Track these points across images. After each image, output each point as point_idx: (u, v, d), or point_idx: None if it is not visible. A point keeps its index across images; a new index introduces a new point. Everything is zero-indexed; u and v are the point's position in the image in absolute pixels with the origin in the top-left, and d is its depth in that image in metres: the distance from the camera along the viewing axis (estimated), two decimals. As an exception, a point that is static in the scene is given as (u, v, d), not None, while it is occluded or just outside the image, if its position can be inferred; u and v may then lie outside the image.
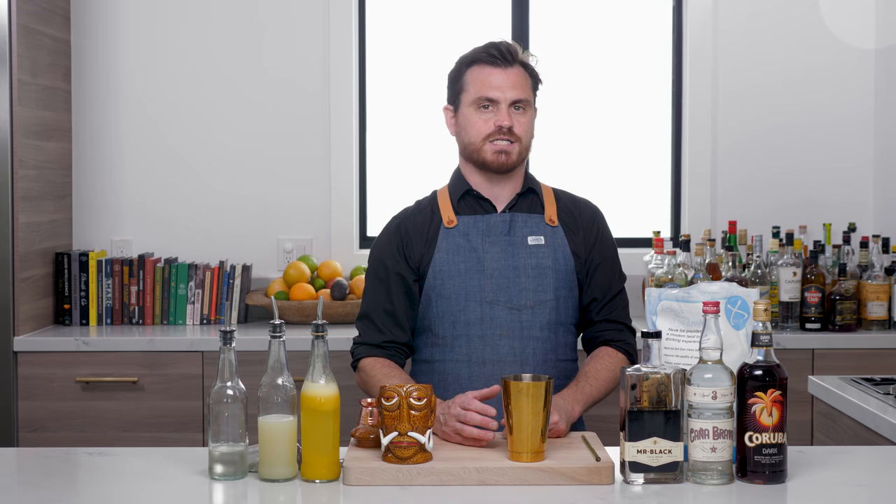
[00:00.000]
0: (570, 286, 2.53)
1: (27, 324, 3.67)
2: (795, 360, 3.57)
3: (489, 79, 2.48)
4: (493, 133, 2.48)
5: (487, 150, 2.49)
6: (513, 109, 2.48)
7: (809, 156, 4.22)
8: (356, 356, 2.56)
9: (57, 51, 3.96)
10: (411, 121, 4.29)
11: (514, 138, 2.48)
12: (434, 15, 4.30)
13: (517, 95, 2.48)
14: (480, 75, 2.49)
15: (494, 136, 2.48)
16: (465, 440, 2.14)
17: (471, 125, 2.50)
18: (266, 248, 4.18)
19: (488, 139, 2.48)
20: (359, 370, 2.54)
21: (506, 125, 2.46)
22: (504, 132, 2.47)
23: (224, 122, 4.17)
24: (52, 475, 2.02)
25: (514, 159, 2.50)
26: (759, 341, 1.94)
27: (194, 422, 3.60)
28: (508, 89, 2.47)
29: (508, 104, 2.47)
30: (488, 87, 2.48)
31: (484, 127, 2.48)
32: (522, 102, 2.49)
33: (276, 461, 1.96)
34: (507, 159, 2.49)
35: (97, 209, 4.16)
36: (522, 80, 2.50)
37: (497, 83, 2.48)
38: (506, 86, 2.47)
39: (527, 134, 2.51)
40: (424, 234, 2.54)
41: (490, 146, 2.48)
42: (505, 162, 2.49)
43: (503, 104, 2.47)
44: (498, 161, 2.49)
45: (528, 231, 2.52)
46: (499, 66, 2.48)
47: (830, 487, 1.94)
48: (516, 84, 2.48)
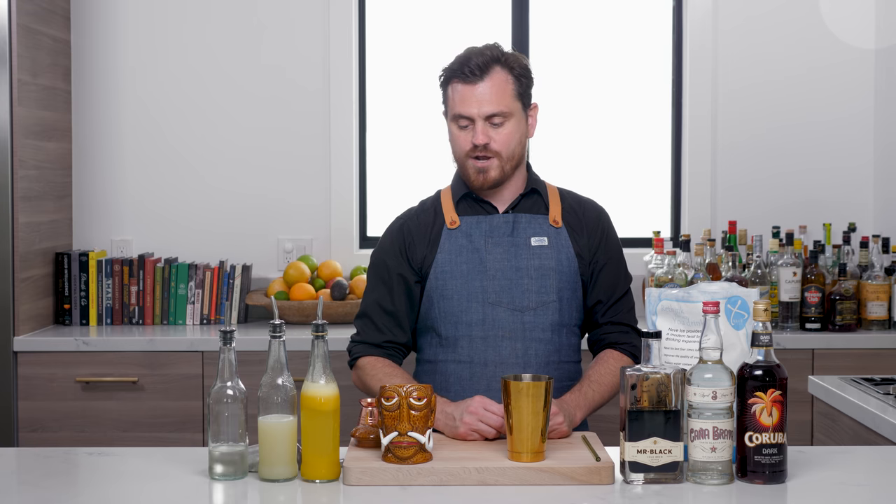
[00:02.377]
0: (574, 287, 2.52)
1: (27, 324, 3.67)
2: (795, 360, 3.57)
3: (463, 96, 2.46)
4: (472, 150, 2.47)
5: (469, 166, 2.49)
6: (489, 125, 2.46)
7: (809, 156, 4.22)
8: (354, 354, 2.56)
9: (57, 51, 3.96)
10: (411, 120, 4.29)
11: (492, 153, 2.46)
12: (434, 15, 4.30)
13: (491, 110, 2.44)
14: (455, 93, 2.48)
15: (472, 154, 2.47)
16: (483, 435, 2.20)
17: (454, 140, 2.51)
18: (266, 248, 4.18)
19: (468, 156, 2.48)
20: (357, 368, 2.54)
21: (480, 143, 2.45)
22: (480, 149, 2.46)
23: (224, 121, 4.17)
24: (52, 475, 2.02)
25: (494, 175, 2.48)
26: (759, 341, 1.94)
27: (194, 422, 3.60)
28: (483, 104, 2.44)
29: (483, 119, 2.45)
30: (462, 104, 2.46)
31: (464, 144, 2.48)
32: (499, 115, 2.45)
33: (276, 461, 1.96)
34: (486, 177, 2.48)
35: (97, 209, 4.16)
36: (498, 90, 2.45)
37: (470, 100, 2.45)
38: (480, 100, 2.44)
39: (507, 146, 2.47)
40: (427, 234, 2.54)
41: (471, 163, 2.48)
42: (484, 181, 2.49)
43: (478, 121, 2.45)
44: (478, 181, 2.49)
45: (532, 232, 2.52)
46: (469, 81, 2.45)
47: (830, 487, 1.94)
48: (490, 98, 2.44)
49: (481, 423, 2.20)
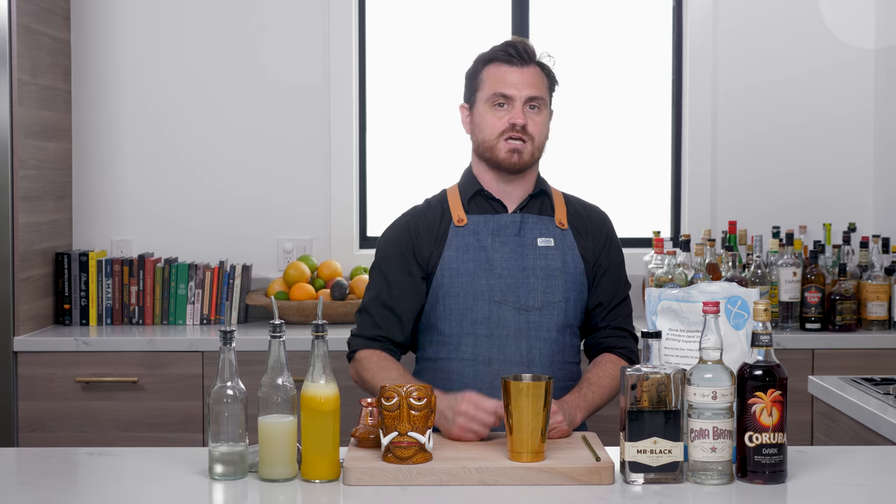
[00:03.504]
0: (580, 289, 2.53)
1: (27, 324, 3.67)
2: (795, 360, 3.57)
3: (505, 76, 2.49)
4: (507, 130, 2.48)
5: (501, 147, 2.49)
6: (528, 108, 2.48)
7: (809, 156, 4.22)
8: (352, 348, 2.57)
9: (57, 51, 3.96)
10: (411, 120, 4.28)
11: (528, 137, 2.48)
12: (434, 15, 4.30)
13: (533, 93, 2.48)
14: (497, 73, 2.50)
15: (508, 134, 2.48)
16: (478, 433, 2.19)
17: (485, 122, 2.50)
18: (266, 249, 4.18)
19: (502, 136, 2.48)
20: (354, 361, 2.55)
21: (519, 123, 2.46)
22: (518, 130, 2.47)
23: (224, 121, 4.17)
24: (52, 475, 2.02)
25: (527, 158, 2.50)
26: (759, 341, 1.94)
27: (194, 422, 3.60)
28: (524, 87, 2.47)
29: (523, 102, 2.47)
30: (504, 84, 2.48)
31: (498, 124, 2.49)
32: (538, 101, 2.49)
33: (276, 461, 1.95)
34: (520, 158, 2.49)
35: (97, 209, 4.16)
36: (539, 79, 2.50)
37: (513, 81, 2.48)
38: (521, 84, 2.48)
39: (541, 134, 2.51)
40: (434, 231, 2.54)
41: (504, 144, 2.49)
42: (517, 161, 2.49)
43: (518, 102, 2.47)
44: (510, 160, 2.49)
45: (539, 233, 2.53)
46: (515, 64, 2.49)
47: (830, 487, 1.94)
48: (532, 83, 2.48)
49: (474, 423, 2.19)
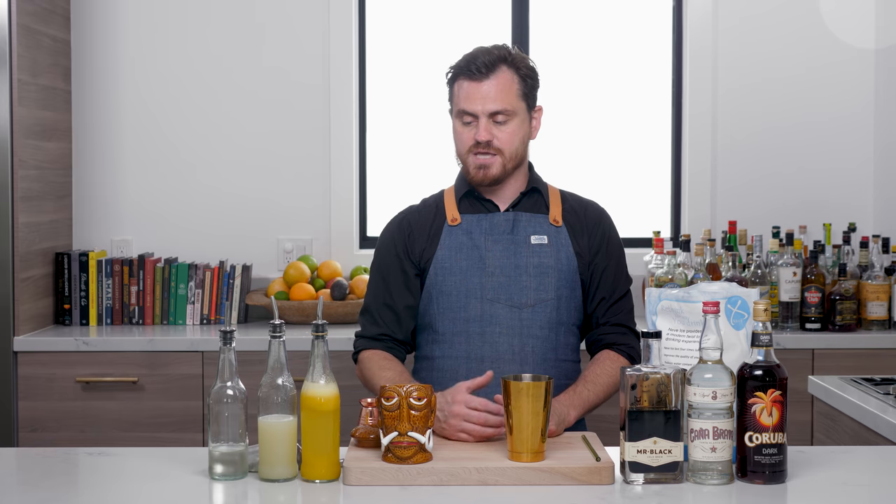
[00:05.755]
0: (573, 286, 2.53)
1: (27, 324, 3.67)
2: (795, 360, 3.57)
3: (469, 93, 2.48)
4: (474, 147, 2.49)
5: (470, 162, 2.51)
6: (493, 122, 2.48)
7: (809, 156, 4.22)
8: (356, 349, 2.60)
9: (57, 51, 3.96)
10: (411, 120, 4.29)
11: (495, 151, 2.49)
12: (434, 14, 4.30)
13: (495, 107, 2.46)
14: (461, 89, 2.50)
15: (475, 150, 2.49)
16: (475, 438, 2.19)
17: (457, 136, 2.53)
18: (266, 248, 4.18)
19: (471, 152, 2.50)
20: (358, 362, 2.58)
21: (483, 139, 2.47)
22: (482, 146, 2.48)
23: (224, 121, 4.17)
24: (52, 475, 2.02)
25: (496, 172, 2.50)
26: (759, 341, 1.94)
27: (194, 422, 3.60)
28: (487, 101, 2.46)
29: (487, 117, 2.47)
30: (467, 100, 2.48)
31: (466, 140, 2.50)
32: (503, 113, 2.47)
33: (276, 461, 1.96)
34: (486, 173, 2.50)
35: (97, 209, 4.16)
36: (504, 88, 2.47)
37: (475, 96, 2.47)
38: (485, 98, 2.46)
39: (510, 144, 2.49)
40: (427, 230, 2.56)
41: (472, 159, 2.50)
42: (485, 176, 2.50)
43: (482, 117, 2.47)
44: (478, 176, 2.51)
45: (532, 230, 2.53)
46: (475, 79, 2.47)
47: (830, 487, 1.94)
48: (496, 96, 2.46)
49: (466, 424, 2.20)
